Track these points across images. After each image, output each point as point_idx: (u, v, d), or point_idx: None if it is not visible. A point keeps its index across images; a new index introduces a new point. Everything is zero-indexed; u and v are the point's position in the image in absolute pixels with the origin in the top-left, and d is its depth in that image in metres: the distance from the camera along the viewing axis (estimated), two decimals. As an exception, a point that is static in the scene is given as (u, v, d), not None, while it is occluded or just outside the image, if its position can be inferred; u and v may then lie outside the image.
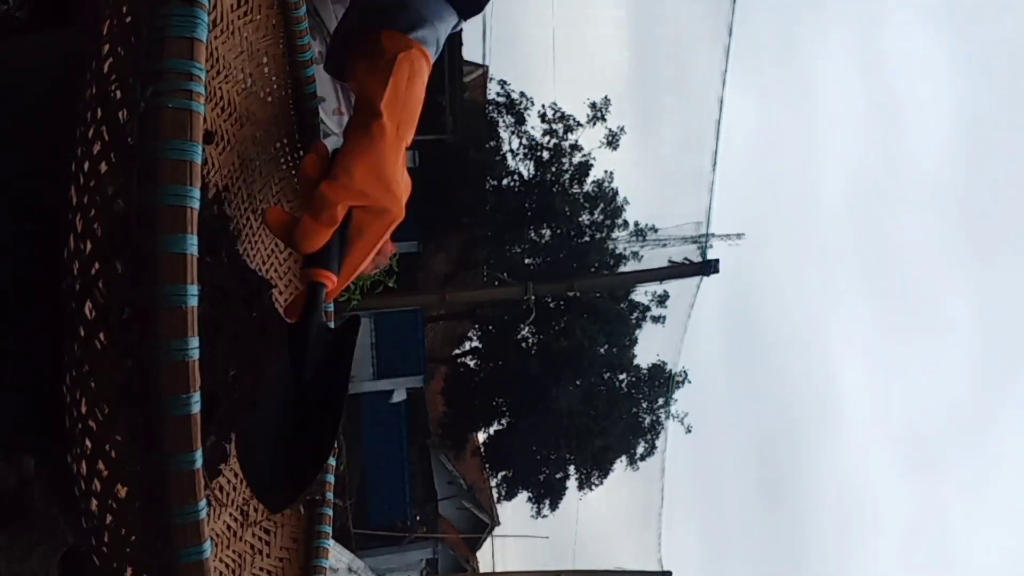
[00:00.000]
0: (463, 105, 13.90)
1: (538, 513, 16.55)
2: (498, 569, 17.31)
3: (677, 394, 16.38)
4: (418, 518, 15.76)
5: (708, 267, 13.36)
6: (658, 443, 16.42)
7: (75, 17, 1.29)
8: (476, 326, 17.19)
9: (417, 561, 15.18)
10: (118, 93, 0.75)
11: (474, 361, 17.10)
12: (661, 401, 16.26)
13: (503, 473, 16.68)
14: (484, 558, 18.31)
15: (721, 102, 14.85)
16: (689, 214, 15.43)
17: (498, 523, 18.09)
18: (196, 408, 0.63)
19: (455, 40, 13.22)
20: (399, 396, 14.78)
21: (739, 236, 16.20)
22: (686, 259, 13.86)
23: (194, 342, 0.63)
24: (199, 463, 0.63)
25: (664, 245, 15.67)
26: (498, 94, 15.49)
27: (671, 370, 16.21)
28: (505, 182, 15.13)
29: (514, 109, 15.21)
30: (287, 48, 1.27)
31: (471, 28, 14.53)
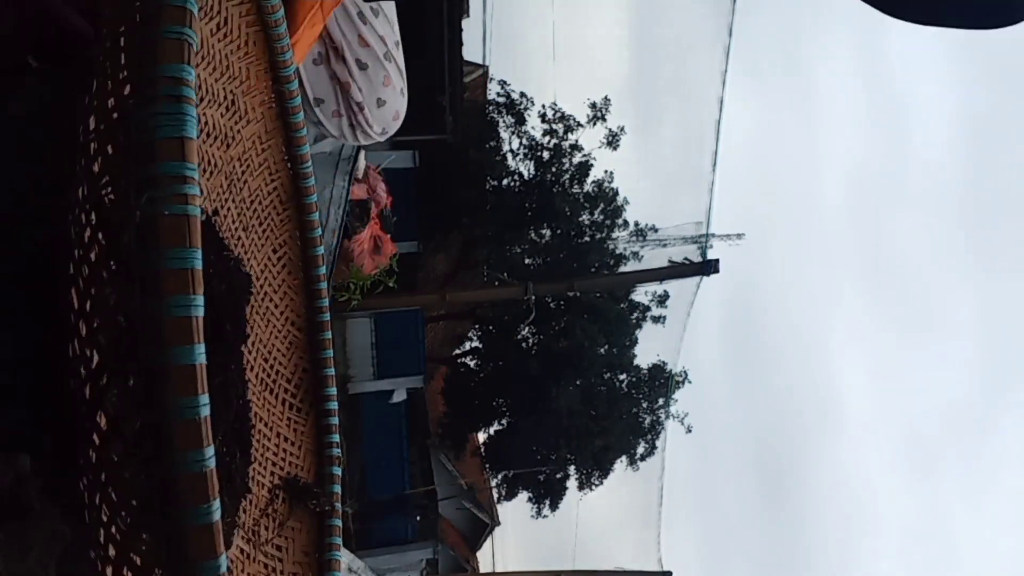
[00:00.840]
0: (463, 105, 13.88)
1: (538, 513, 16.56)
2: (498, 569, 17.32)
3: (677, 394, 16.38)
4: (418, 518, 15.75)
5: (708, 267, 13.35)
6: (658, 443, 16.42)
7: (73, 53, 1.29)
8: (476, 326, 17.19)
9: (417, 561, 15.18)
10: (110, 197, 0.74)
11: (474, 361, 17.09)
12: (661, 401, 16.25)
13: (503, 473, 16.68)
14: (484, 558, 18.32)
15: (721, 102, 14.85)
16: (689, 214, 15.43)
17: (498, 523, 18.09)
18: (217, 516, 0.63)
19: (455, 40, 13.22)
20: (399, 396, 14.78)
21: (739, 236, 16.19)
22: (686, 259, 13.86)
23: (210, 452, 0.63)
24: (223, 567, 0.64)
25: (664, 245, 15.66)
26: (498, 94, 15.50)
27: (671, 370, 16.20)
28: (505, 182, 15.12)
29: (514, 109, 15.20)
30: (269, 62, 1.28)
31: (471, 28, 14.54)
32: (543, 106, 15.11)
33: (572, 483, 16.40)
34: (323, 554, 1.36)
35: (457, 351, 18.15)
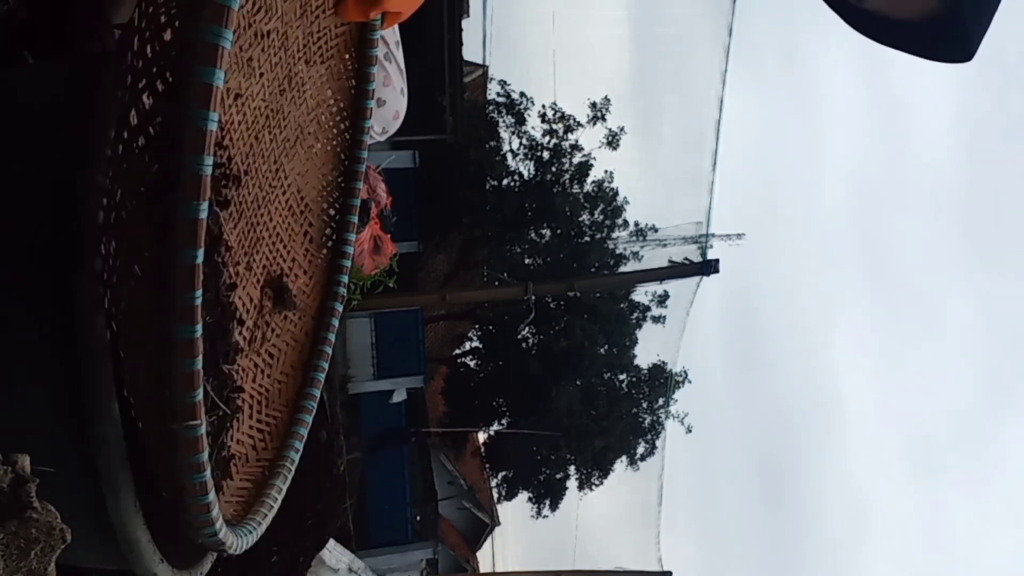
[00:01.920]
0: (463, 105, 13.88)
1: (538, 513, 16.56)
2: (498, 569, 17.32)
3: (677, 394, 16.38)
4: (418, 518, 15.75)
5: (708, 267, 13.35)
6: (658, 443, 16.42)
7: (72, 19, 1.29)
8: (476, 326, 17.19)
9: (417, 561, 15.18)
10: None
11: (474, 361, 17.10)
12: (661, 401, 16.25)
13: (503, 473, 16.68)
14: (484, 558, 18.32)
15: (721, 102, 14.85)
16: (689, 214, 15.42)
17: (498, 523, 18.09)
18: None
19: (455, 40, 13.22)
20: (399, 396, 14.78)
21: (739, 236, 16.19)
22: (686, 259, 13.86)
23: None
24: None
25: (664, 245, 15.66)
26: (498, 94, 15.50)
27: (671, 370, 16.20)
28: (505, 182, 15.12)
29: (514, 109, 15.21)
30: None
31: (471, 28, 14.54)
32: (543, 106, 15.13)
33: (572, 483, 16.41)
34: (309, 372, 1.47)
35: (457, 351, 18.16)
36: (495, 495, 17.60)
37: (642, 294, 16.17)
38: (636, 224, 15.98)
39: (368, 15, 1.29)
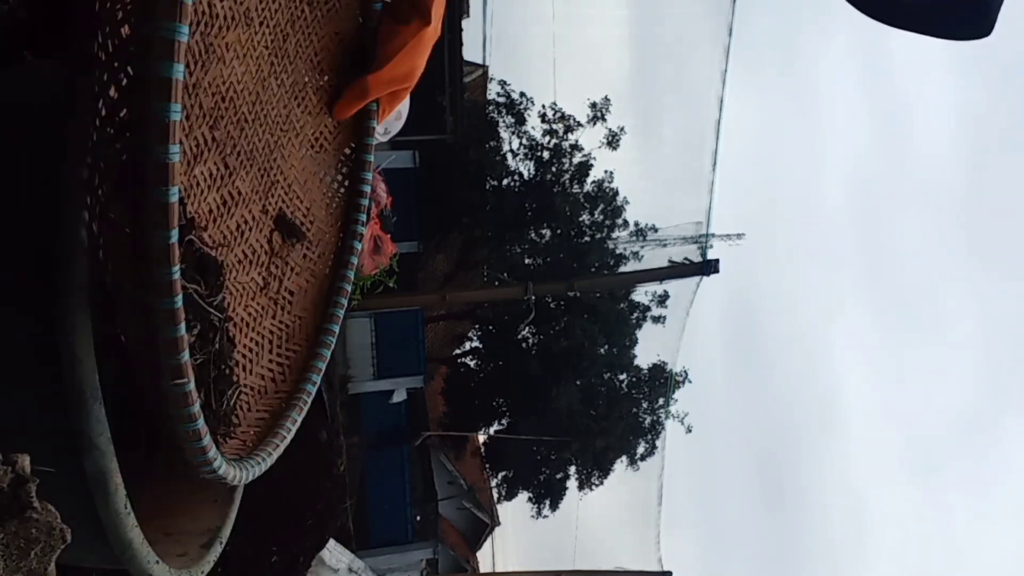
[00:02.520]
0: (463, 105, 13.89)
1: (538, 513, 16.55)
2: (498, 569, 17.32)
3: (677, 394, 16.37)
4: (418, 518, 15.75)
5: (708, 267, 13.36)
6: (658, 443, 16.41)
7: (72, 18, 1.29)
8: (476, 326, 17.19)
9: (417, 561, 15.18)
10: None
11: (474, 361, 17.09)
12: (661, 401, 16.25)
13: (503, 473, 16.68)
14: (484, 558, 18.32)
15: (721, 102, 14.85)
16: (689, 214, 15.42)
17: (498, 523, 18.08)
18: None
19: (455, 40, 13.22)
20: (399, 396, 14.78)
21: (739, 236, 16.18)
22: (686, 259, 13.86)
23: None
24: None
25: (664, 245, 15.65)
26: (498, 94, 15.50)
27: (671, 370, 16.20)
28: (505, 182, 15.12)
29: (514, 109, 15.20)
30: None
31: (471, 28, 14.55)
32: (543, 106, 15.13)
33: (572, 483, 16.40)
34: (328, 307, 1.53)
35: (457, 351, 18.15)
36: (495, 495, 17.60)
37: (642, 294, 16.18)
38: (636, 224, 15.99)
39: (356, 107, 1.41)
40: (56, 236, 0.88)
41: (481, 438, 17.37)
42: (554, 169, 15.01)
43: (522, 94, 15.23)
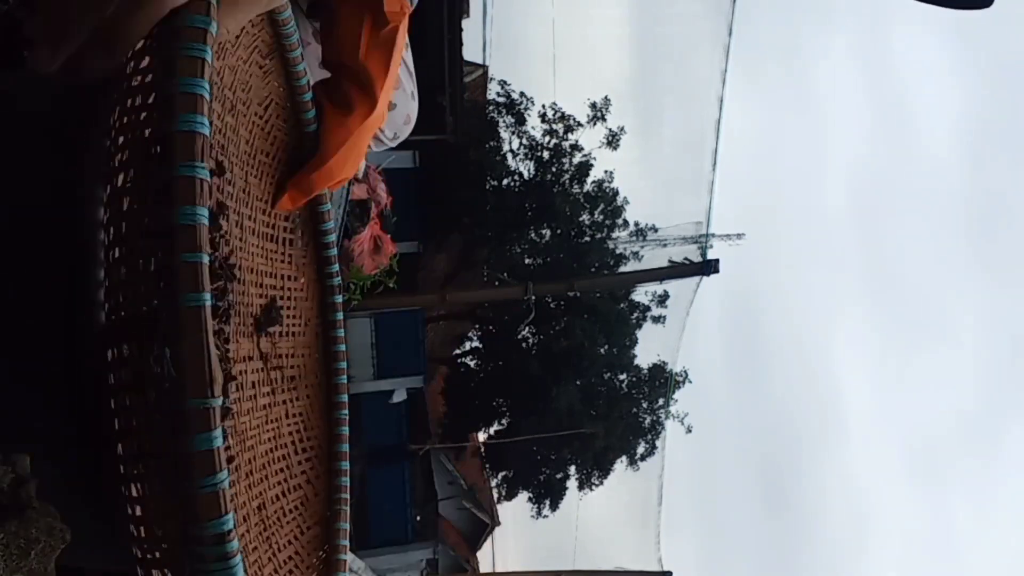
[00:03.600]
0: (463, 105, 13.89)
1: (538, 513, 16.56)
2: (498, 569, 17.31)
3: (677, 394, 16.38)
4: (418, 518, 15.75)
5: (708, 267, 13.38)
6: (658, 443, 16.42)
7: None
8: (476, 326, 17.19)
9: (417, 561, 15.18)
10: None
11: (474, 361, 17.09)
12: (661, 401, 16.26)
13: (503, 473, 16.68)
14: (484, 558, 18.32)
15: (721, 102, 14.87)
16: (689, 214, 15.44)
17: (498, 523, 18.08)
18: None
19: (455, 40, 13.22)
20: (399, 396, 14.77)
21: (739, 236, 16.19)
22: (686, 259, 13.88)
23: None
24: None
25: (664, 245, 15.67)
26: (498, 94, 15.50)
27: (671, 370, 16.21)
28: (505, 182, 15.12)
29: (514, 109, 15.21)
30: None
31: (471, 28, 14.54)
32: (543, 106, 15.13)
33: (572, 483, 16.40)
34: (331, 377, 1.47)
35: (457, 351, 18.15)
36: (495, 495, 17.60)
37: (642, 294, 16.19)
38: (636, 224, 16.00)
39: (302, 202, 1.30)
40: None
41: (481, 437, 17.38)
42: (554, 169, 15.01)
43: (522, 94, 15.25)
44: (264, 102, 1.23)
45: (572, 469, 16.17)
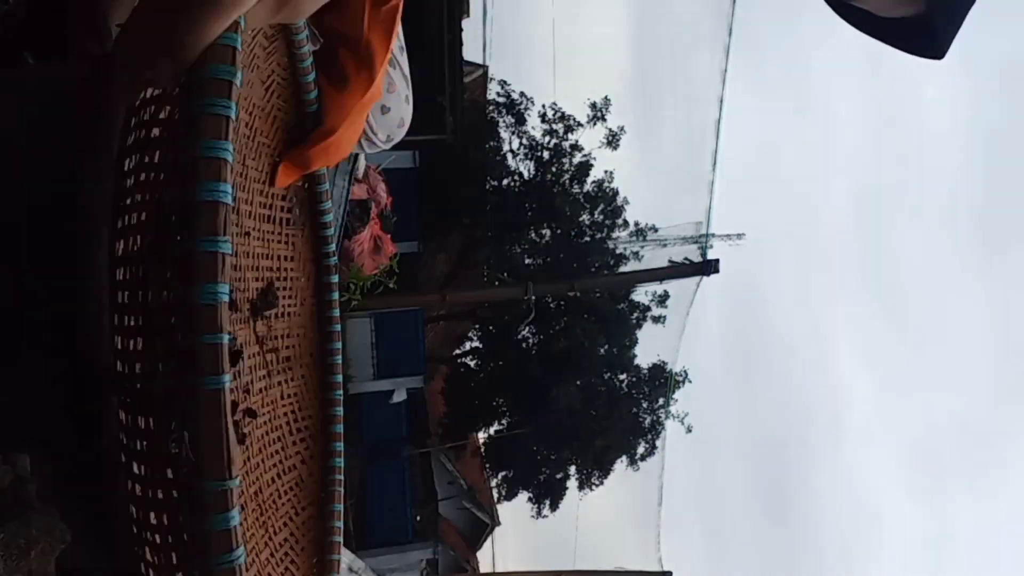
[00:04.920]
0: (463, 105, 13.87)
1: (538, 513, 16.55)
2: (498, 569, 17.32)
3: (677, 394, 16.37)
4: (418, 518, 15.75)
5: (708, 267, 13.37)
6: (658, 443, 16.41)
7: (70, 18, 1.29)
8: (476, 326, 17.19)
9: (417, 561, 15.18)
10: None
11: (474, 361, 17.08)
12: (661, 401, 16.25)
13: (503, 473, 16.67)
14: (484, 558, 18.32)
15: (721, 102, 14.86)
16: (689, 214, 15.44)
17: (498, 523, 18.08)
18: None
19: (455, 40, 13.21)
20: (399, 396, 14.77)
21: (739, 236, 16.18)
22: (686, 259, 13.87)
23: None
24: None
25: (664, 245, 15.66)
26: (498, 94, 15.50)
27: (671, 370, 16.20)
28: (505, 182, 15.12)
29: (514, 109, 15.20)
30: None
31: (471, 28, 14.54)
32: (543, 106, 15.13)
33: (572, 483, 16.40)
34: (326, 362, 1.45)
35: (457, 351, 18.15)
36: (495, 495, 17.59)
37: (642, 294, 16.18)
38: (636, 224, 15.98)
39: (296, 177, 1.27)
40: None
41: (482, 437, 17.38)
42: (554, 169, 15.01)
43: (522, 94, 15.25)
44: (266, 82, 1.21)
45: (572, 469, 16.16)
